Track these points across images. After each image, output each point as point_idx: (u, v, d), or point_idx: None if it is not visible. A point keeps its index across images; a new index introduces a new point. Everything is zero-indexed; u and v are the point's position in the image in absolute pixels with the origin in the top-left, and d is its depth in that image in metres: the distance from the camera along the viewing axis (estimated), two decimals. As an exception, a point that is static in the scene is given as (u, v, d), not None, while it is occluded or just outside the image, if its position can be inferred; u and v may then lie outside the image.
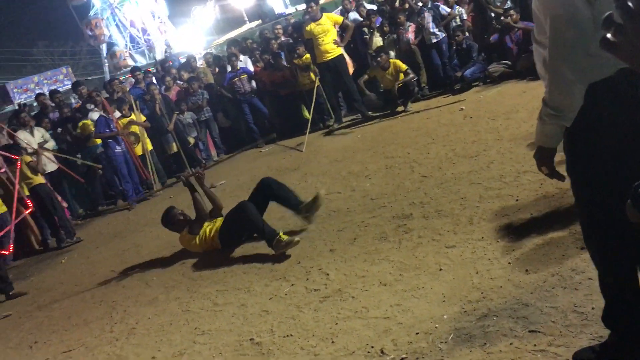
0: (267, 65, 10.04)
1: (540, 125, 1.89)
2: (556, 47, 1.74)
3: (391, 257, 3.63)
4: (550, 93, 1.82)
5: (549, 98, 1.82)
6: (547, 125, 1.86)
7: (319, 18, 8.88)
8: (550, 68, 1.79)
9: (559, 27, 1.71)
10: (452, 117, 7.05)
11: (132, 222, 7.65)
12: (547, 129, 1.87)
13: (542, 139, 1.92)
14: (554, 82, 1.80)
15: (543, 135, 1.90)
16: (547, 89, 1.83)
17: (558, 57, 1.75)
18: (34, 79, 24.92)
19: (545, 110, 1.84)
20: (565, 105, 1.79)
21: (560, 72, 1.76)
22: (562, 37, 1.71)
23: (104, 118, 8.66)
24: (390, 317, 2.91)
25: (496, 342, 2.41)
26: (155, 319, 4.00)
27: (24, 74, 31.10)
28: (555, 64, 1.77)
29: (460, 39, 8.82)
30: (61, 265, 6.66)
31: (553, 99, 1.81)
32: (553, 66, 1.78)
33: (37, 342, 4.37)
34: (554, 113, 1.81)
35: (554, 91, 1.80)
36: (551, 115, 1.82)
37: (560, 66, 1.76)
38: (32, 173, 7.48)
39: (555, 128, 1.86)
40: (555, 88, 1.80)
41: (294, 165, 7.42)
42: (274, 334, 3.18)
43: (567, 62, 1.73)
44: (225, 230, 4.84)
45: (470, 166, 4.87)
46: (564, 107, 1.80)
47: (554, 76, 1.79)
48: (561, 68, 1.75)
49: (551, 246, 3.07)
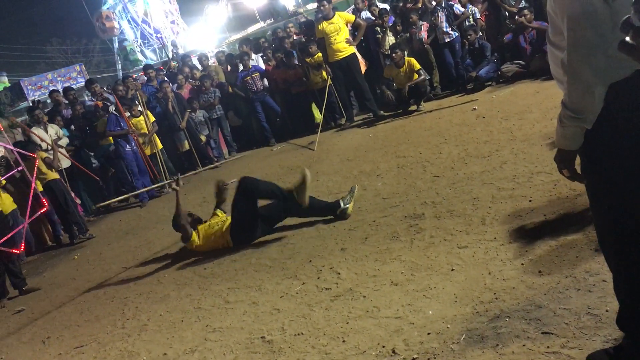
0: (279, 64, 10.06)
1: (560, 129, 1.85)
2: (575, 48, 1.70)
3: (403, 257, 3.62)
4: (570, 95, 1.78)
5: (568, 100, 1.79)
6: (568, 128, 1.82)
7: (332, 17, 8.88)
8: (568, 70, 1.75)
9: (577, 28, 1.67)
10: (464, 116, 7.02)
11: (144, 219, 7.70)
12: (568, 132, 1.84)
13: (562, 142, 1.88)
14: (573, 84, 1.76)
15: (563, 138, 1.87)
16: (566, 91, 1.79)
17: (577, 58, 1.71)
18: (47, 76, 25.14)
19: (565, 113, 1.80)
20: (585, 108, 1.75)
21: (579, 74, 1.72)
22: (581, 38, 1.68)
23: (114, 116, 8.73)
24: (402, 317, 2.91)
25: (508, 344, 2.40)
26: (167, 315, 4.02)
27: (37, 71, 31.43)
28: (574, 65, 1.73)
29: (472, 38, 8.77)
30: (74, 261, 6.72)
31: (573, 101, 1.77)
32: (572, 68, 1.74)
33: (49, 337, 4.41)
34: (575, 115, 1.78)
35: (573, 93, 1.77)
36: (571, 118, 1.79)
37: (579, 67, 1.72)
38: (48, 168, 7.55)
39: (576, 130, 1.82)
40: (575, 90, 1.76)
41: (305, 164, 7.42)
42: (285, 332, 3.19)
43: (586, 64, 1.70)
44: (238, 225, 4.86)
45: (483, 166, 4.85)
46: (584, 110, 1.76)
47: (573, 78, 1.75)
48: (580, 69, 1.71)
49: (565, 248, 3.05)
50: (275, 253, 4.49)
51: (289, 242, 4.64)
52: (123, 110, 8.80)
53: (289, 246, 4.54)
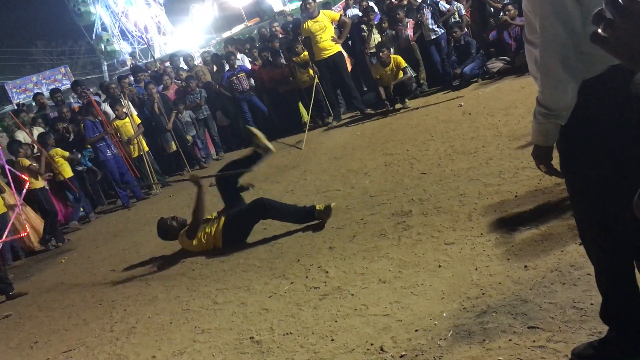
0: (265, 63, 10.03)
1: (535, 125, 1.89)
2: (547, 46, 1.74)
3: (390, 254, 3.63)
4: (543, 92, 1.82)
5: (542, 97, 1.82)
6: (543, 124, 1.86)
7: (316, 15, 8.87)
8: (541, 67, 1.79)
9: (549, 26, 1.72)
10: (451, 113, 7.05)
11: (132, 221, 7.65)
12: (543, 128, 1.87)
13: (538, 138, 1.92)
14: (546, 81, 1.80)
15: (539, 134, 1.91)
16: (540, 88, 1.83)
17: (549, 55, 1.75)
18: (32, 79, 24.87)
19: (540, 110, 1.84)
20: (558, 104, 1.79)
21: (552, 71, 1.76)
22: (552, 36, 1.72)
23: (90, 122, 8.61)
24: (390, 315, 2.92)
25: (495, 339, 2.41)
26: (156, 318, 4.00)
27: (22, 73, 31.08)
28: (547, 62, 1.77)
29: (458, 35, 8.81)
30: (61, 264, 6.66)
31: (546, 98, 1.81)
32: (544, 65, 1.78)
33: (37, 342, 4.38)
34: (548, 112, 1.82)
35: (546, 90, 1.80)
36: (545, 114, 1.83)
37: (551, 65, 1.75)
38: (32, 177, 7.50)
39: (550, 126, 1.85)
40: (548, 87, 1.79)
41: (293, 162, 7.42)
42: (273, 332, 3.18)
43: (558, 61, 1.73)
44: (233, 229, 4.87)
45: (469, 163, 4.87)
46: (557, 106, 1.79)
47: (546, 75, 1.79)
48: (552, 66, 1.75)
49: (550, 242, 3.08)
50: (264, 253, 4.48)
51: (277, 241, 4.63)
52: (102, 113, 8.71)
53: (277, 246, 4.54)
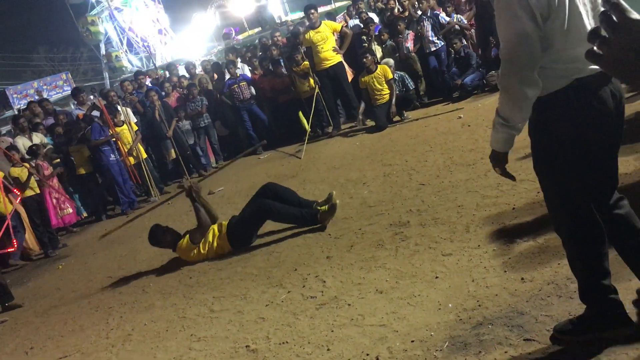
0: (266, 72, 10.07)
1: (493, 133, 2.10)
2: (508, 64, 1.94)
3: (388, 265, 3.63)
4: (501, 105, 2.02)
5: (500, 109, 2.03)
6: (499, 133, 2.06)
7: (318, 26, 8.92)
8: (501, 83, 1.99)
9: (510, 47, 1.91)
10: (450, 125, 7.07)
11: (130, 228, 7.63)
12: (500, 136, 2.08)
13: (495, 145, 2.12)
14: (505, 97, 2.00)
15: (496, 142, 2.11)
16: (499, 100, 2.03)
17: (509, 73, 1.94)
18: (33, 85, 24.95)
19: (497, 120, 2.05)
20: (514, 117, 2.00)
21: (510, 87, 1.96)
22: (513, 56, 1.91)
23: (98, 125, 8.66)
24: (386, 325, 2.91)
25: (491, 351, 2.41)
26: (152, 325, 3.99)
27: (24, 79, 31.19)
28: (506, 79, 1.96)
29: (458, 46, 8.85)
30: (58, 270, 6.66)
31: (504, 110, 2.01)
32: (504, 81, 1.97)
33: (33, 348, 4.36)
34: (505, 123, 2.02)
35: (504, 104, 2.01)
36: (502, 125, 2.04)
37: (510, 82, 1.95)
38: (21, 189, 7.53)
39: (506, 135, 2.06)
40: (506, 101, 2.00)
41: (293, 172, 7.43)
42: (269, 341, 3.18)
43: (517, 79, 1.93)
44: (237, 233, 4.89)
45: (468, 174, 4.88)
46: (513, 118, 2.00)
47: (505, 90, 1.99)
48: (511, 83, 1.95)
49: (547, 254, 3.08)
50: (261, 261, 4.48)
51: (274, 250, 4.63)
52: (109, 118, 8.75)
53: (274, 254, 4.54)
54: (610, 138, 2.05)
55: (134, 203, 8.90)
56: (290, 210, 4.81)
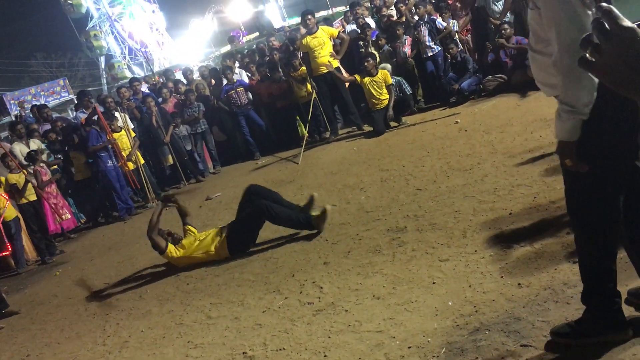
0: (263, 78, 10.08)
1: (559, 123, 2.03)
2: (566, 48, 1.91)
3: (385, 271, 3.63)
4: (565, 91, 1.97)
5: (564, 96, 1.98)
6: (566, 121, 2.00)
7: (315, 31, 8.93)
8: (562, 69, 1.95)
9: (565, 31, 1.90)
10: (447, 130, 7.08)
11: (127, 234, 7.63)
12: (566, 125, 2.01)
13: (562, 135, 2.04)
14: (567, 80, 1.95)
15: (563, 131, 2.03)
16: (562, 87, 1.97)
17: (569, 56, 1.90)
18: (31, 91, 24.96)
19: (562, 107, 1.99)
20: (580, 100, 1.94)
21: (572, 70, 1.90)
22: (569, 39, 1.89)
23: (96, 131, 8.65)
24: (383, 331, 2.91)
25: (488, 356, 2.41)
26: (148, 332, 3.98)
27: (21, 85, 31.17)
28: (566, 63, 1.92)
29: (454, 51, 8.87)
30: (55, 277, 6.63)
31: (568, 95, 1.96)
32: (565, 66, 1.93)
33: (29, 355, 4.35)
34: (571, 109, 1.96)
35: (568, 89, 1.96)
36: (569, 111, 1.97)
37: (572, 65, 1.87)
38: (18, 195, 7.52)
39: (573, 122, 1.99)
40: (570, 85, 1.95)
41: (290, 177, 7.43)
42: (266, 347, 3.17)
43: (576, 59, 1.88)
44: (237, 237, 4.89)
45: (465, 179, 4.89)
46: (579, 102, 1.94)
47: (568, 75, 1.94)
48: (573, 66, 1.85)
49: (544, 260, 3.08)
50: (258, 267, 4.48)
51: (272, 256, 4.63)
52: (107, 124, 8.73)
53: (272, 260, 4.53)
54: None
55: (131, 209, 8.88)
56: (286, 212, 4.80)
